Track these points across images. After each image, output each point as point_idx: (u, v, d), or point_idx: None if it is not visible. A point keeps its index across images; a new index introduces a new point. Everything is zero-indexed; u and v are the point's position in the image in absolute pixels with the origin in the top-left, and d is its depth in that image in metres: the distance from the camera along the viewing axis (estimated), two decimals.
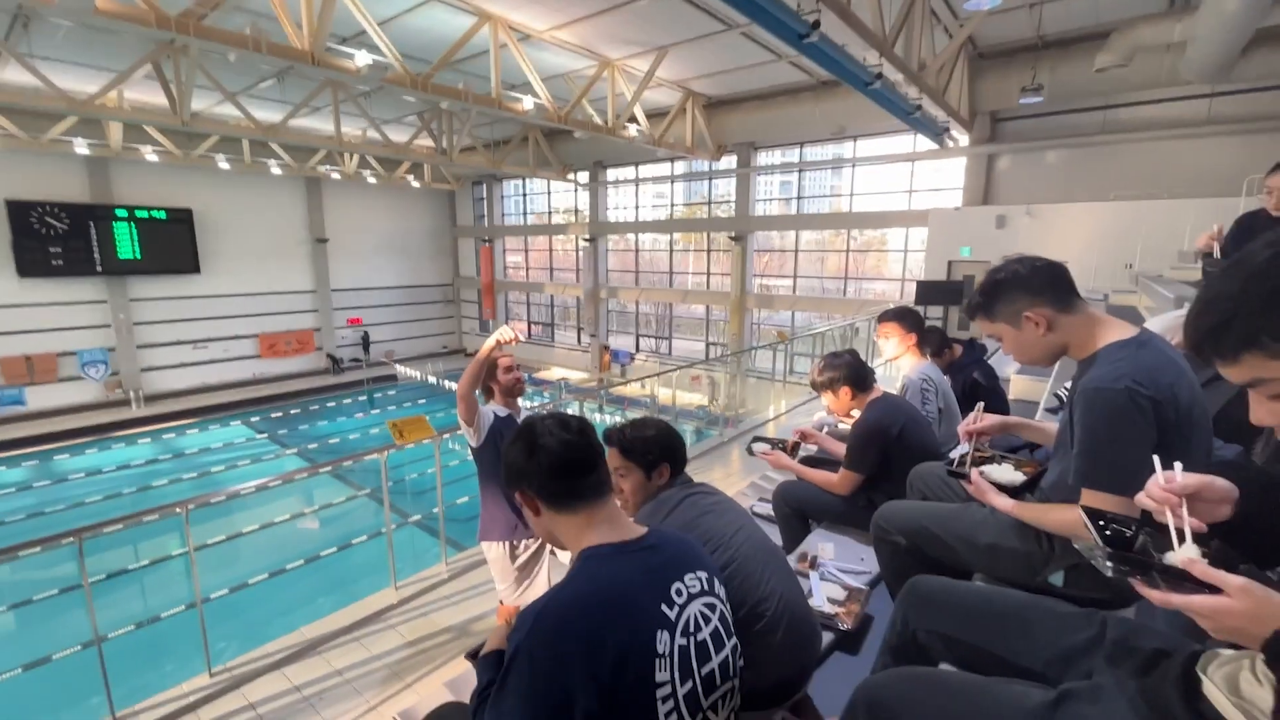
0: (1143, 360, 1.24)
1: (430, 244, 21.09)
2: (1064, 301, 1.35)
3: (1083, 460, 1.25)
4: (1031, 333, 1.37)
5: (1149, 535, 0.84)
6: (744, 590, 1.48)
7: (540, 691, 0.89)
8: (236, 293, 16.55)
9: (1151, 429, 1.17)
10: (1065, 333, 1.36)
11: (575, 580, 1.01)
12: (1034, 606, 1.14)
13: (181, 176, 15.12)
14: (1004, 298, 1.39)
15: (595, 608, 0.95)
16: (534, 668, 0.90)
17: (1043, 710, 0.88)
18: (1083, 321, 1.35)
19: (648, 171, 16.82)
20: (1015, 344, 1.42)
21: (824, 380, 2.58)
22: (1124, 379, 1.20)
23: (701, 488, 1.70)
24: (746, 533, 1.60)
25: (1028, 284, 1.37)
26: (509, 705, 0.91)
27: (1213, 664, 0.84)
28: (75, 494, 10.56)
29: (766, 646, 1.47)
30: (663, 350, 17.87)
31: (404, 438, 3.87)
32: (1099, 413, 1.22)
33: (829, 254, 14.62)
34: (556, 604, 0.96)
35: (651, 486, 1.71)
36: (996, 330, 1.44)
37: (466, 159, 14.06)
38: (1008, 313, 1.39)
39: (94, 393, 14.58)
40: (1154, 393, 1.18)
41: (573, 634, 0.91)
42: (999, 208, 10.51)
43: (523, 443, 1.11)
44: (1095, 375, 1.26)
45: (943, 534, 1.58)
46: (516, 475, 1.11)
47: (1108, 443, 1.20)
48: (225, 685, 3.21)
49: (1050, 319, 1.35)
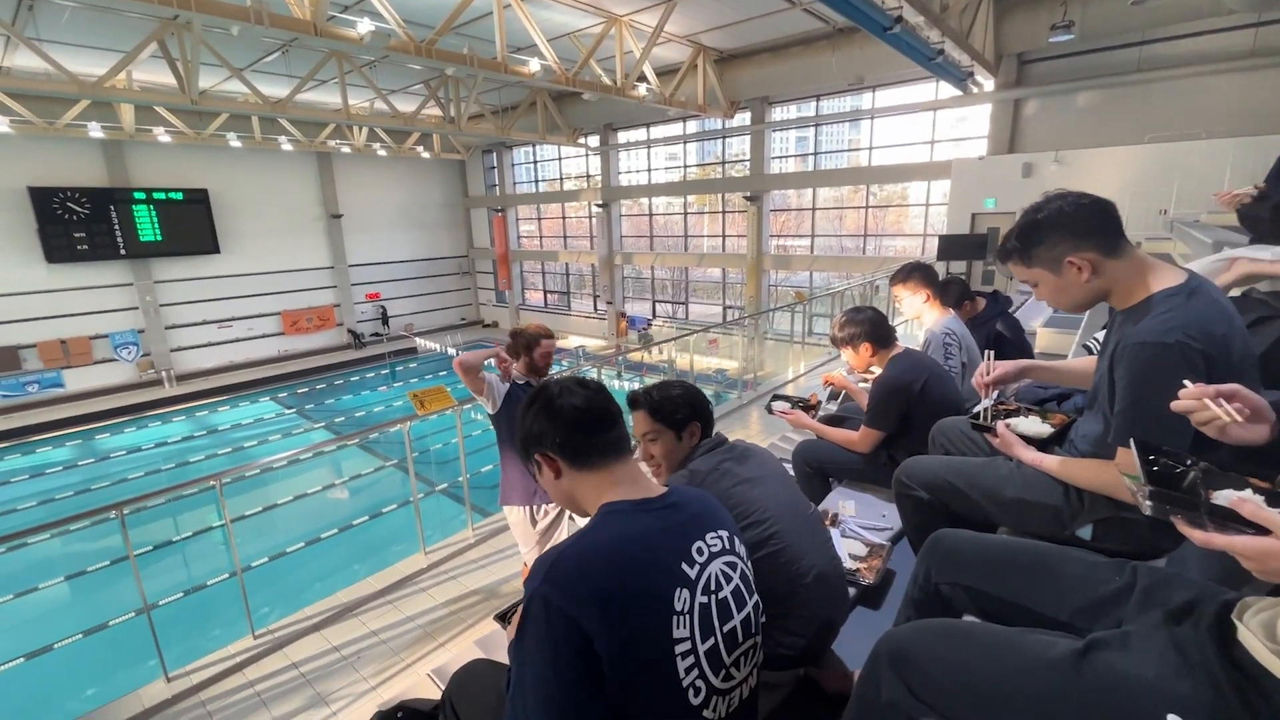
0: (1194, 310, 1.15)
1: (443, 216, 21.03)
2: (1111, 244, 1.23)
3: (1126, 417, 1.18)
4: (1074, 279, 1.26)
5: (1200, 473, 0.81)
6: (784, 565, 1.48)
7: (558, 635, 0.89)
8: (256, 271, 16.75)
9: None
10: (1109, 279, 1.25)
11: (593, 532, 1.00)
12: (1061, 557, 1.12)
13: (195, 157, 15.19)
14: (1045, 241, 1.26)
15: (611, 559, 0.95)
16: (549, 612, 0.89)
17: (1070, 659, 0.87)
18: (1130, 266, 1.24)
19: (659, 133, 16.42)
20: (1053, 290, 1.30)
21: (844, 336, 2.53)
22: (1175, 332, 1.12)
23: (732, 452, 1.65)
24: (782, 500, 1.58)
25: (1073, 225, 1.23)
26: (529, 651, 0.91)
27: (1249, 611, 0.82)
28: (118, 470, 11.00)
29: (798, 618, 1.49)
30: (679, 315, 17.76)
31: (425, 408, 3.93)
32: (1148, 367, 1.15)
33: (847, 211, 14.25)
34: (572, 552, 0.96)
35: (684, 448, 1.67)
36: (1032, 276, 1.31)
37: (475, 127, 13.85)
38: (1048, 258, 1.27)
39: (128, 374, 15.02)
40: (1206, 345, 1.11)
41: (587, 581, 0.91)
42: (1025, 156, 10.09)
43: (541, 403, 1.10)
44: (1145, 328, 1.17)
45: (966, 489, 1.55)
46: (536, 437, 1.10)
47: (1154, 399, 1.11)
48: (268, 646, 3.37)
49: (1095, 264, 1.23)
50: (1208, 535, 0.72)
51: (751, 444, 1.73)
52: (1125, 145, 9.22)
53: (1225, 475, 0.81)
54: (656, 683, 0.94)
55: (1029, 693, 0.87)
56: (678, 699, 0.96)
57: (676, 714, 0.97)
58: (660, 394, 1.67)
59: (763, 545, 1.47)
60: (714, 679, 1.00)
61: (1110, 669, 0.84)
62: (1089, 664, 0.85)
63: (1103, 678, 0.84)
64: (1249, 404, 0.88)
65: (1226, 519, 0.72)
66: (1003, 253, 1.36)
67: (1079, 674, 0.85)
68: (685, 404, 1.66)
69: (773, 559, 1.47)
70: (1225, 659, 0.79)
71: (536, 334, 2.90)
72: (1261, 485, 0.77)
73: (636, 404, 1.71)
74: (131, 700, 3.06)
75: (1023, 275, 1.34)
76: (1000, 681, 0.90)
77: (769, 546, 1.47)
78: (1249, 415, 0.88)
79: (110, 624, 5.82)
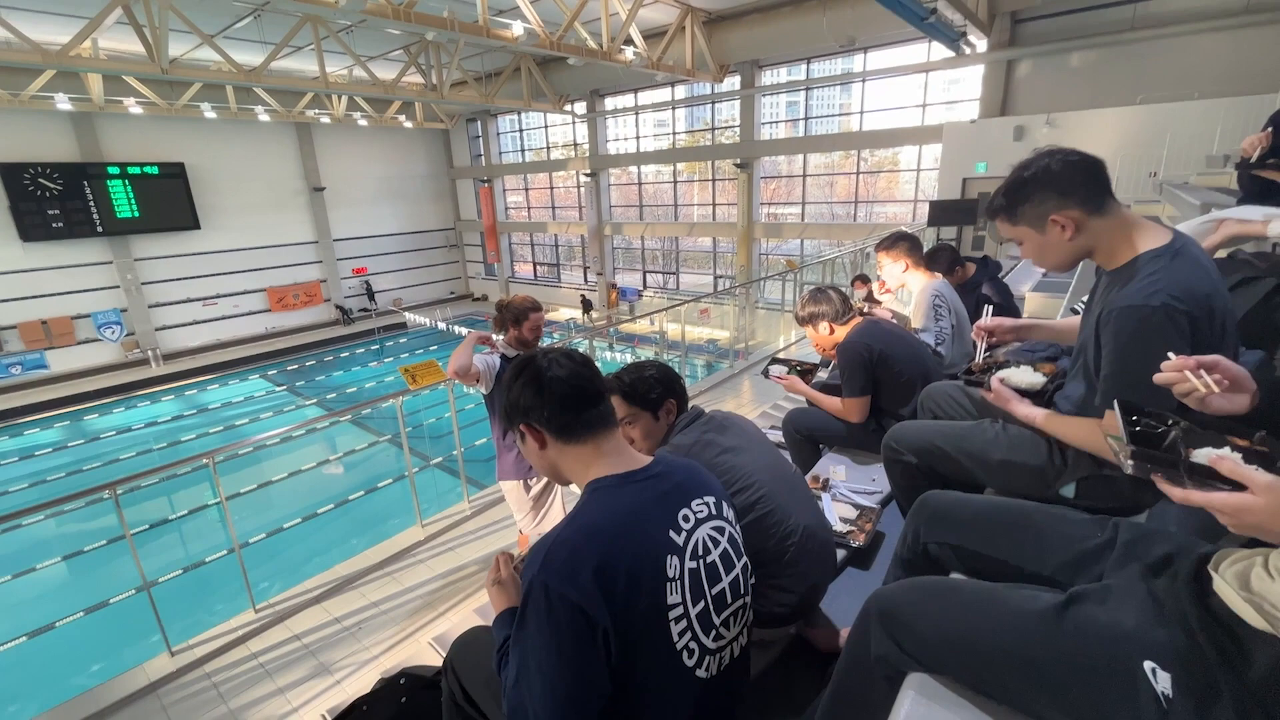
0: (1178, 272, 1.16)
1: (428, 187, 20.64)
2: (1096, 202, 1.23)
3: (1111, 381, 1.20)
4: (1056, 237, 1.26)
5: (1181, 432, 0.83)
6: (770, 528, 1.52)
7: (562, 622, 0.90)
8: (239, 247, 16.44)
9: (1187, 347, 1.12)
10: (1093, 237, 1.26)
11: (584, 512, 1.02)
12: (1045, 515, 1.15)
13: (169, 129, 14.75)
14: (1031, 198, 1.26)
15: (604, 537, 0.97)
16: (550, 598, 0.91)
17: (1052, 612, 0.90)
18: (1115, 226, 1.25)
19: (647, 98, 16.08)
20: (1037, 249, 1.31)
21: (805, 315, 2.57)
22: (1160, 294, 1.13)
23: (711, 423, 1.67)
24: (764, 464, 1.61)
25: (1058, 182, 1.23)
26: (532, 638, 0.93)
27: (1224, 562, 0.84)
28: (109, 451, 10.96)
29: (790, 575, 1.53)
30: (670, 286, 17.69)
31: (416, 382, 3.92)
32: (1133, 332, 1.16)
33: (838, 177, 14.12)
34: (566, 536, 0.97)
35: (661, 426, 1.69)
36: (1018, 234, 1.32)
37: (458, 94, 13.49)
38: (1033, 215, 1.27)
39: (113, 353, 14.83)
40: (1190, 307, 1.12)
41: (584, 563, 0.93)
42: (1017, 118, 9.98)
43: (529, 376, 1.09)
44: (1131, 291, 1.18)
45: (954, 452, 1.58)
46: (524, 410, 1.10)
47: (1140, 363, 1.12)
48: (270, 619, 3.42)
49: (1079, 222, 1.24)
50: (1186, 492, 0.74)
51: (728, 413, 1.76)
52: (1117, 107, 9.14)
53: (1205, 433, 0.83)
54: (654, 650, 0.98)
55: (1012, 644, 0.90)
56: (673, 663, 1.00)
57: (673, 677, 1.00)
58: (631, 376, 1.68)
59: (751, 509, 1.50)
60: (705, 640, 1.03)
61: (1091, 620, 0.87)
62: (1070, 616, 0.88)
63: (1083, 629, 0.87)
64: (1228, 374, 0.89)
65: (1205, 476, 0.73)
66: (989, 210, 1.36)
67: (1060, 626, 0.88)
68: (658, 383, 1.67)
69: (762, 521, 1.51)
70: (1201, 608, 0.82)
71: (524, 307, 2.86)
72: (1240, 443, 0.79)
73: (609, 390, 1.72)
74: (136, 674, 3.10)
75: (1008, 233, 1.35)
76: (985, 634, 0.93)
77: (758, 510, 1.51)
78: (1228, 386, 0.89)
79: (111, 601, 5.88)
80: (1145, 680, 0.79)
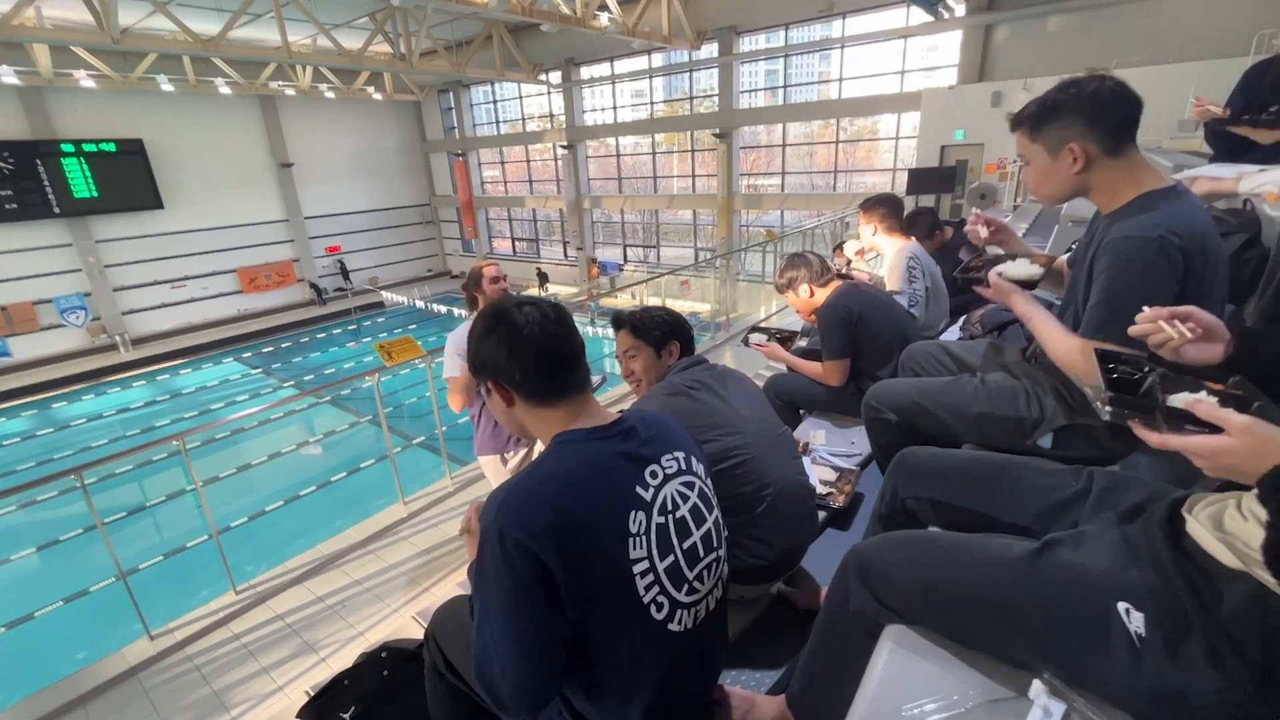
0: (1182, 208, 1.17)
1: (401, 162, 20.08)
2: (1116, 143, 1.22)
3: (1098, 311, 1.20)
4: (1065, 165, 1.25)
5: (1159, 377, 0.82)
6: (746, 476, 1.52)
7: (517, 567, 0.90)
8: (205, 227, 15.89)
9: (1175, 283, 1.13)
10: (1097, 176, 1.25)
11: (545, 462, 1.00)
12: (1021, 466, 1.16)
13: (125, 104, 14.08)
14: (1061, 119, 1.24)
15: (563, 487, 0.95)
16: (505, 545, 0.90)
17: (1027, 558, 0.90)
18: (1123, 168, 1.24)
19: (624, 67, 15.71)
20: (1040, 172, 1.30)
21: (784, 281, 2.57)
22: (1160, 227, 1.14)
23: (712, 370, 1.68)
24: (751, 415, 1.61)
25: (1093, 111, 1.21)
26: (490, 582, 0.93)
27: (1198, 506, 0.85)
28: (80, 439, 10.68)
29: (768, 527, 1.53)
30: (651, 259, 17.56)
31: (393, 359, 3.85)
32: (1127, 261, 1.16)
33: (818, 147, 14.02)
34: (524, 484, 0.96)
35: (662, 365, 1.74)
36: (1031, 152, 1.31)
37: (428, 64, 13.06)
38: (1054, 137, 1.26)
39: (79, 339, 14.37)
40: (1187, 242, 1.13)
41: (539, 508, 0.91)
42: (995, 84, 9.95)
43: (501, 335, 1.03)
44: (1130, 224, 1.18)
45: (933, 407, 1.58)
46: (492, 369, 1.05)
47: (1128, 293, 1.13)
48: (251, 601, 3.39)
49: (1091, 158, 1.23)
50: (1163, 437, 0.74)
51: (733, 369, 1.76)
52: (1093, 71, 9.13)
53: (1181, 379, 0.83)
54: (616, 601, 0.97)
55: (988, 592, 0.91)
56: (639, 615, 0.99)
57: (640, 629, 1.00)
58: (642, 314, 1.78)
59: (727, 455, 1.50)
60: (677, 594, 1.03)
61: (1065, 565, 0.88)
62: (1045, 562, 0.89)
63: (1058, 573, 0.87)
64: (1202, 323, 0.89)
65: (1181, 420, 0.73)
66: (1016, 119, 1.33)
67: (1035, 571, 0.88)
68: (664, 323, 1.76)
69: (737, 469, 1.50)
70: (1174, 550, 0.83)
71: (477, 271, 2.84)
72: (1215, 388, 0.79)
73: (620, 324, 1.80)
74: (115, 660, 3.07)
75: (1023, 148, 1.33)
76: (961, 583, 0.93)
77: (734, 457, 1.50)
78: (1202, 334, 0.89)
79: (90, 590, 5.79)
80: (1119, 620, 0.80)
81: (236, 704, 2.81)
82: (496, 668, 0.94)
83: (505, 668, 0.92)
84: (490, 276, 2.80)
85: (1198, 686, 0.74)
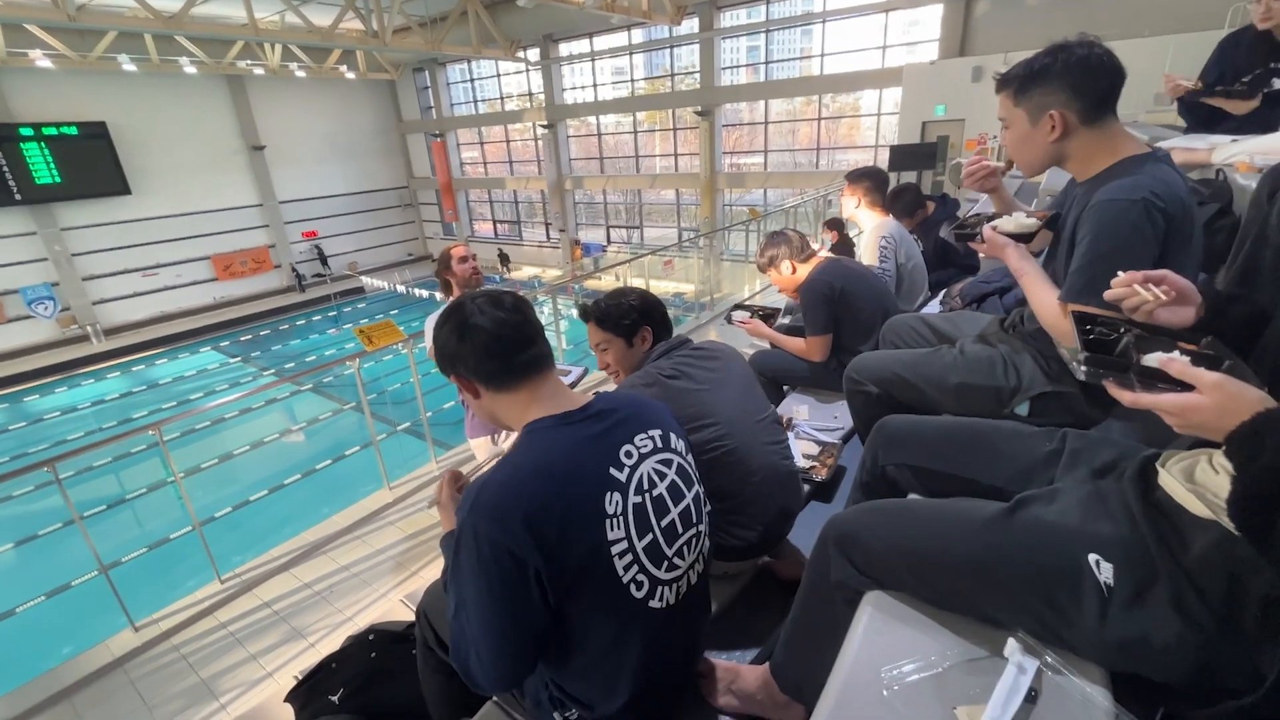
0: (1161, 172, 1.18)
1: (377, 143, 19.61)
2: (1096, 113, 1.23)
3: (1082, 275, 1.20)
4: (1044, 133, 1.26)
5: (1134, 338, 0.84)
6: (731, 464, 1.52)
7: (490, 561, 0.91)
8: (176, 213, 15.45)
9: (1156, 246, 1.14)
10: (1074, 145, 1.26)
11: (515, 454, 1.01)
12: (997, 429, 1.17)
13: (86, 85, 13.54)
14: (1046, 85, 1.24)
15: (534, 478, 0.96)
16: (479, 540, 0.92)
17: (1001, 516, 0.92)
18: (1101, 138, 1.25)
19: (604, 44, 15.42)
20: (1019, 138, 1.31)
21: (765, 260, 2.56)
22: (1142, 189, 1.15)
23: (697, 353, 1.64)
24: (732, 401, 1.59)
25: (1077, 79, 1.21)
26: (465, 575, 0.95)
27: (1171, 461, 0.87)
28: (55, 433, 10.46)
29: (752, 513, 1.54)
30: (635, 240, 17.45)
31: (373, 344, 3.80)
32: (1109, 223, 1.17)
33: (800, 124, 13.94)
34: (497, 478, 0.96)
35: (636, 353, 1.68)
36: (1013, 116, 1.31)
37: (401, 41, 12.70)
38: (1037, 102, 1.26)
39: (48, 331, 13.98)
40: (1169, 204, 1.14)
41: (512, 503, 0.92)
42: (975, 59, 9.93)
43: (453, 324, 1.05)
44: (1114, 186, 1.19)
45: (913, 379, 1.60)
46: (450, 359, 1.07)
47: (1109, 256, 1.14)
48: (237, 589, 3.37)
49: (1070, 127, 1.24)
50: (1136, 395, 0.75)
51: (721, 346, 1.72)
52: None
53: (1155, 339, 0.84)
54: (596, 584, 0.98)
55: (963, 551, 0.92)
56: (619, 595, 1.00)
57: (621, 608, 1.01)
58: (608, 302, 1.68)
59: (708, 447, 1.49)
60: (656, 571, 1.04)
61: (1037, 520, 0.90)
62: (1018, 518, 0.91)
63: (1031, 529, 0.89)
64: (1175, 286, 0.91)
65: (1155, 379, 0.74)
66: (1004, 79, 1.32)
67: (1008, 528, 0.90)
68: (633, 310, 1.67)
69: (719, 460, 1.50)
70: (1145, 503, 0.85)
71: (446, 253, 2.87)
72: (1188, 347, 0.80)
73: (586, 316, 1.73)
74: (100, 651, 3.04)
75: (1004, 111, 1.33)
76: (936, 545, 0.95)
77: (714, 448, 1.50)
78: (1175, 297, 0.91)
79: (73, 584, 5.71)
80: (1089, 572, 0.82)
81: (225, 691, 2.80)
82: (471, 651, 0.97)
83: (480, 651, 0.96)
84: (458, 256, 2.84)
85: (1161, 630, 0.76)
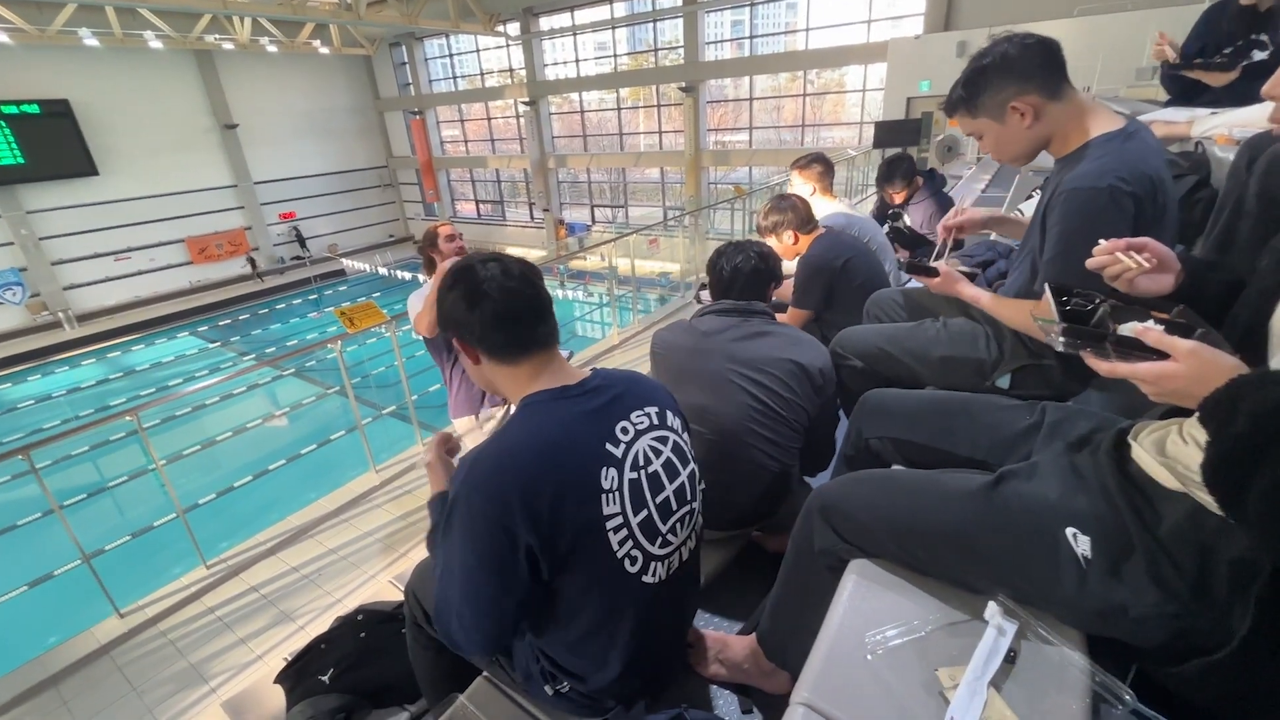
0: (1129, 152, 1.17)
1: (354, 122, 19.14)
2: (1054, 87, 1.22)
3: (1054, 265, 1.21)
4: (1016, 125, 1.25)
5: (1109, 309, 0.85)
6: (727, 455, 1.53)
7: (482, 533, 0.92)
8: (146, 194, 15.00)
9: (1127, 229, 1.14)
10: (1051, 124, 1.25)
11: (511, 427, 1.00)
12: (978, 402, 1.19)
13: (46, 61, 12.99)
14: (990, 86, 1.24)
15: (529, 451, 0.95)
16: (472, 511, 0.92)
17: (983, 490, 0.94)
18: (1071, 110, 1.24)
19: (585, 17, 15.10)
20: (996, 140, 1.30)
21: (769, 224, 2.48)
22: (1109, 175, 1.14)
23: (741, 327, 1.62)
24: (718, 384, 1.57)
25: (1016, 67, 1.21)
26: (455, 542, 0.95)
27: (1143, 433, 0.89)
28: (30, 422, 10.24)
29: (747, 482, 1.56)
30: (619, 220, 17.30)
31: (355, 325, 3.74)
32: (1078, 212, 1.17)
33: (785, 101, 13.82)
34: (492, 450, 0.96)
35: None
36: (978, 127, 1.30)
37: (376, 14, 12.36)
38: (992, 105, 1.25)
39: (18, 318, 13.61)
40: (1136, 188, 1.14)
41: (507, 478, 0.92)
42: (960, 34, 9.88)
43: (462, 290, 1.01)
44: (1080, 173, 1.19)
45: (898, 352, 1.61)
46: (455, 325, 1.04)
47: (1081, 244, 1.12)
48: (224, 574, 3.34)
49: (1038, 108, 1.23)
50: (1113, 365, 0.76)
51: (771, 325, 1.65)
52: (1056, 19, 9.13)
53: (1130, 309, 0.85)
54: (591, 558, 0.98)
55: (946, 522, 0.94)
56: (614, 569, 1.01)
57: (615, 583, 1.02)
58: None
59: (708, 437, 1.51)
60: (650, 547, 1.04)
61: (1018, 495, 0.91)
62: (999, 492, 0.92)
63: (1011, 503, 0.91)
64: (1156, 253, 0.92)
65: (1130, 349, 0.75)
66: (949, 105, 1.33)
67: (990, 502, 0.92)
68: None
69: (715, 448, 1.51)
70: (1119, 476, 0.87)
71: (432, 231, 2.82)
72: (1162, 316, 0.82)
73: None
74: (85, 639, 3.01)
75: (969, 128, 1.32)
76: (920, 515, 0.96)
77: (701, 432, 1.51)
78: (1155, 265, 0.92)
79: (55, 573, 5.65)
80: (1067, 544, 0.84)
81: (215, 675, 2.80)
82: (454, 614, 0.98)
83: (463, 615, 0.97)
84: (445, 235, 2.81)
85: (1138, 601, 0.78)
